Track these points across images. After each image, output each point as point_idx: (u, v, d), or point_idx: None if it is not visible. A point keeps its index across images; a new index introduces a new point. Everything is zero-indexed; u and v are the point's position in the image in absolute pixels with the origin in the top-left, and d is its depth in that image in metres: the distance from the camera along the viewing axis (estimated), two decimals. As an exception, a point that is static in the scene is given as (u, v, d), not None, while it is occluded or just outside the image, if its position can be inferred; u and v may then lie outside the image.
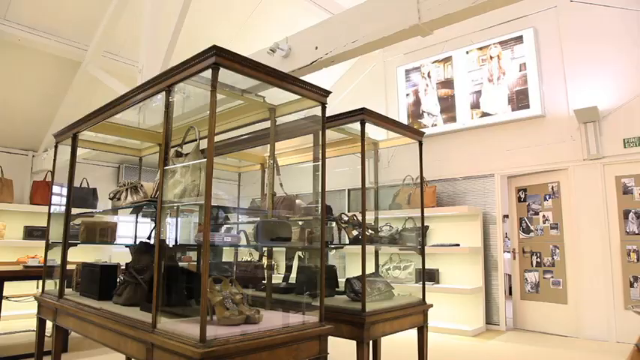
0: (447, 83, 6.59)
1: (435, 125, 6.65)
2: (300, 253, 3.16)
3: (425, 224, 3.47)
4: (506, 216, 6.59)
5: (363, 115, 2.61)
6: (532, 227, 5.94)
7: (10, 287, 4.30)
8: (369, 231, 3.04)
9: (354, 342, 2.46)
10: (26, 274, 4.26)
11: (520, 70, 5.84)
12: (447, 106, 6.56)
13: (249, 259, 3.43)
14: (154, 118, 3.07)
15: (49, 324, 3.03)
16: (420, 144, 3.21)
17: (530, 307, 5.84)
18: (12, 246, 6.33)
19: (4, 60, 5.63)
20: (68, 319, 2.63)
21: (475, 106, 6.24)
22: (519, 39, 5.86)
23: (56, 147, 3.22)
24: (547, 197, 5.81)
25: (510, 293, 6.37)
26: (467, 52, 6.38)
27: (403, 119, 6.93)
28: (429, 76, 6.83)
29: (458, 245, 5.79)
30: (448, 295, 5.79)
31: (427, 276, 5.78)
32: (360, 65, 7.67)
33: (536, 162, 5.71)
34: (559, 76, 5.60)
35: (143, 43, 4.25)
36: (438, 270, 5.97)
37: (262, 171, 3.50)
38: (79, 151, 2.99)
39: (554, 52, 5.66)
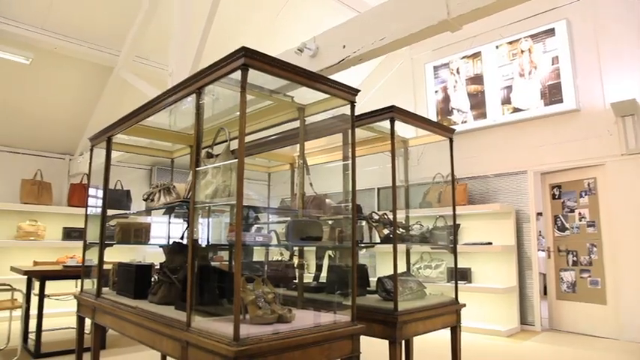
0: (477, 79, 6.48)
1: (465, 122, 6.54)
2: (330, 252, 3.16)
3: (456, 222, 3.42)
4: (539, 214, 6.42)
5: (392, 112, 2.59)
6: (567, 225, 5.78)
7: (50, 286, 4.46)
8: (400, 230, 3.01)
9: (386, 341, 2.45)
10: (66, 273, 4.41)
11: (552, 64, 5.69)
12: (477, 102, 6.44)
13: (280, 259, 3.45)
14: (184, 121, 3.12)
15: (88, 321, 3.12)
16: (451, 141, 3.17)
17: (566, 307, 5.68)
18: (52, 247, 6.56)
19: (42, 68, 5.83)
20: (106, 317, 2.70)
21: (506, 101, 6.11)
22: (551, 32, 5.70)
23: (91, 150, 3.31)
24: (583, 194, 5.64)
25: (545, 293, 6.21)
26: (496, 47, 6.25)
27: (432, 117, 6.85)
28: (457, 72, 6.72)
29: (490, 244, 5.68)
30: (481, 294, 5.69)
31: (459, 275, 5.68)
32: (387, 63, 7.61)
33: (571, 158, 5.55)
34: (594, 69, 5.42)
35: (172, 47, 4.33)
36: (470, 269, 5.88)
37: (292, 171, 3.51)
38: (113, 154, 3.07)
39: (588, 44, 5.48)
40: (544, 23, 5.78)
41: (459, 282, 3.15)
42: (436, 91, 6.97)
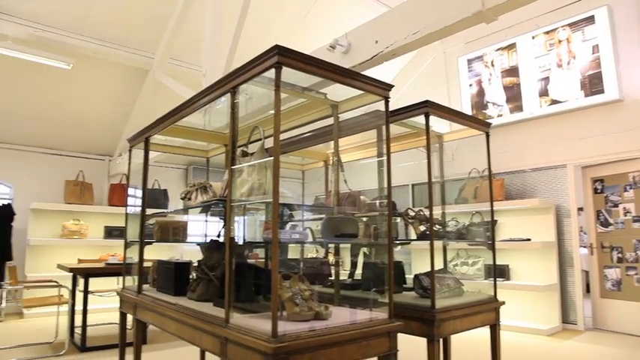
0: (512, 71, 6.31)
1: (501, 116, 6.39)
2: (364, 249, 3.14)
3: (493, 218, 3.34)
4: (580, 209, 6.20)
5: (427, 107, 2.55)
6: (611, 220, 5.56)
7: (94, 283, 4.62)
8: (436, 226, 2.97)
9: (423, 339, 2.42)
10: (108, 270, 4.56)
11: (593, 53, 5.48)
12: (513, 95, 6.28)
13: (315, 256, 3.45)
14: (218, 120, 3.16)
15: (129, 317, 3.21)
16: (487, 135, 3.09)
17: (611, 305, 5.47)
18: (94, 245, 6.79)
19: (82, 72, 6.03)
20: (147, 313, 2.77)
21: (543, 93, 5.93)
22: (590, 19, 5.49)
23: (130, 151, 3.40)
24: (627, 188, 5.41)
25: (588, 291, 6.00)
26: (532, 37, 6.07)
27: (467, 111, 6.71)
28: (492, 64, 6.57)
29: (529, 240, 5.53)
30: (520, 292, 5.55)
31: (497, 272, 5.56)
32: (419, 58, 7.52)
33: (614, 150, 5.33)
34: (637, 57, 5.19)
35: (205, 49, 4.39)
36: (508, 266, 5.74)
37: (325, 168, 3.51)
38: (151, 154, 3.14)
39: (631, 30, 5.25)
40: (583, 11, 5.57)
41: (497, 279, 3.08)
42: (470, 85, 6.83)
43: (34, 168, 7.07)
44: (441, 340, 3.01)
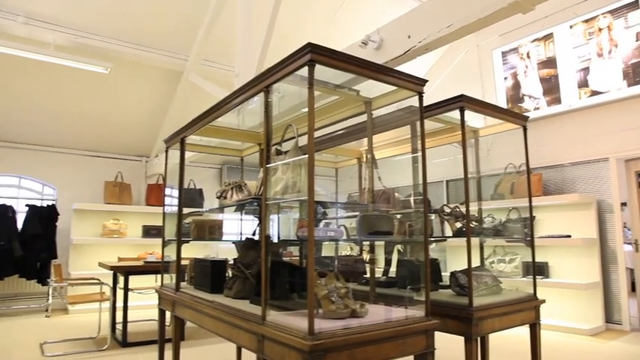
0: (549, 62, 6.12)
1: (538, 109, 6.21)
2: (399, 246, 3.11)
3: (532, 214, 3.25)
4: (624, 204, 5.97)
5: (462, 102, 2.50)
6: (658, 215, 5.33)
7: (133, 280, 4.75)
8: (473, 223, 2.91)
9: (460, 338, 2.38)
10: (147, 268, 4.69)
11: (636, 40, 5.25)
12: (550, 87, 6.09)
13: (349, 254, 3.45)
14: (252, 120, 3.19)
15: (168, 314, 3.28)
16: (525, 129, 3.01)
17: (658, 303, 5.25)
18: (133, 243, 6.98)
19: (119, 76, 6.20)
20: (185, 310, 2.83)
21: (583, 84, 5.73)
22: (634, 4, 5.26)
23: (167, 152, 3.47)
24: (675, 181, 5.17)
25: (634, 289, 5.77)
26: (570, 27, 5.87)
27: (502, 105, 6.56)
28: (528, 56, 6.39)
29: (569, 236, 5.36)
30: (560, 290, 5.39)
31: (537, 270, 5.42)
32: (452, 52, 7.38)
33: (661, 142, 5.11)
34: (686, 44, 4.95)
35: (237, 49, 4.44)
36: (547, 263, 5.58)
37: (359, 165, 3.50)
38: (186, 155, 3.20)
39: (678, 17, 5.01)
40: (625, -3, 5.34)
41: (536, 277, 3.00)
42: (505, 78, 6.66)
43: (75, 170, 7.33)
44: (479, 338, 2.97)
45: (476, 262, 3.01)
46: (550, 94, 6.09)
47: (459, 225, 2.79)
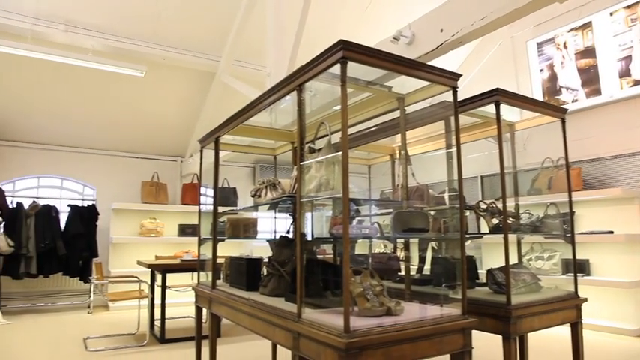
0: (588, 52, 5.91)
1: (576, 100, 6.01)
2: (433, 243, 3.08)
3: (572, 210, 3.16)
4: (670, 197, 5.72)
5: (497, 95, 2.45)
6: None
7: (170, 278, 4.86)
8: (510, 219, 2.84)
9: (497, 336, 2.33)
10: (183, 266, 4.78)
11: (682, 27, 5.02)
12: (589, 77, 5.88)
13: (383, 251, 3.43)
14: (284, 118, 3.21)
15: (204, 311, 3.34)
16: (563, 122, 2.93)
17: None
18: (169, 242, 7.15)
19: (153, 78, 6.35)
20: (221, 307, 2.88)
21: (625, 74, 5.51)
22: (680, -9, 5.03)
23: (201, 151, 3.53)
24: None
25: (681, 286, 5.51)
26: (610, 14, 5.65)
27: (538, 97, 6.38)
28: (564, 46, 6.19)
29: (611, 232, 5.17)
30: (603, 288, 5.20)
31: (577, 267, 5.26)
32: (485, 45, 7.23)
33: None
34: None
35: (269, 49, 4.48)
36: (588, 260, 5.40)
37: (392, 162, 3.47)
38: (220, 154, 3.25)
39: None
40: (670, -18, 5.11)
41: (577, 275, 2.91)
42: (541, 70, 6.48)
43: (113, 171, 7.56)
44: (517, 337, 2.90)
45: (513, 259, 2.94)
46: (589, 85, 5.89)
47: (495, 221, 2.73)
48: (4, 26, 5.17)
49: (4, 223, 6.02)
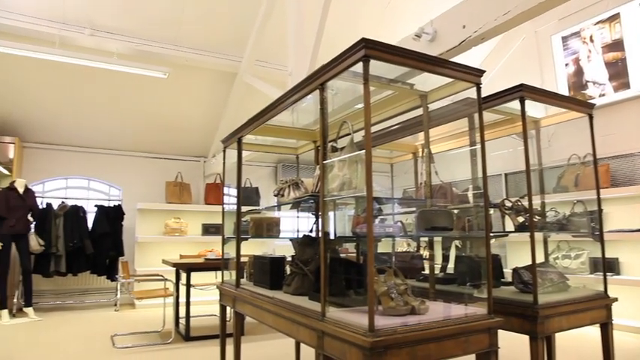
0: (616, 45, 5.76)
1: (603, 95, 5.86)
2: (457, 242, 3.05)
3: (600, 207, 3.09)
4: None
5: (522, 91, 2.41)
6: None
7: (194, 277, 4.93)
8: (536, 217, 2.80)
9: (523, 336, 2.30)
10: (207, 265, 4.84)
11: None
12: (618, 71, 5.73)
13: (407, 250, 3.41)
14: (306, 118, 3.22)
15: (228, 309, 3.38)
16: (591, 117, 2.86)
17: None
18: (193, 241, 7.24)
19: (176, 80, 6.44)
20: (245, 306, 2.90)
21: (655, 67, 5.35)
22: None
23: (224, 151, 3.57)
24: None
25: None
26: (640, 5, 5.49)
27: (563, 93, 6.25)
28: (591, 40, 6.04)
29: (642, 230, 5.03)
30: (633, 288, 5.07)
31: (606, 266, 5.13)
32: (508, 40, 7.12)
33: None
34: None
35: (290, 48, 4.49)
36: (617, 259, 5.27)
37: (414, 160, 3.45)
38: (243, 154, 3.27)
39: None
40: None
41: (606, 274, 2.84)
42: (566, 65, 6.34)
43: (138, 171, 7.70)
44: (545, 338, 2.85)
45: (539, 257, 2.89)
46: (617, 79, 5.73)
47: (521, 219, 2.69)
48: (33, 32, 5.31)
49: (35, 223, 6.18)
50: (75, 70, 5.90)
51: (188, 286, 4.82)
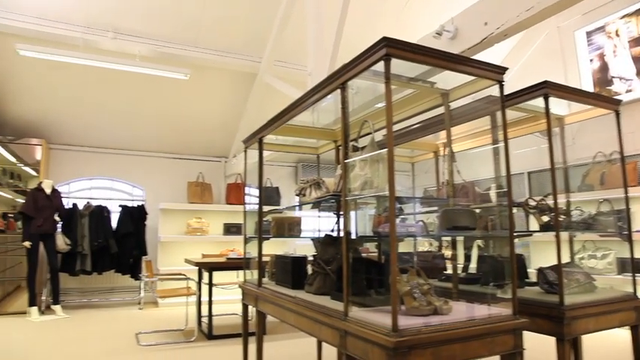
0: (643, 40, 5.62)
1: (630, 91, 5.72)
2: (479, 242, 3.01)
3: (628, 206, 3.02)
4: None
5: (546, 88, 2.37)
6: None
7: (216, 276, 4.98)
8: (561, 216, 2.75)
9: (549, 338, 2.26)
10: (229, 265, 4.88)
11: None
12: (645, 66, 5.59)
13: (428, 250, 3.39)
14: (326, 117, 3.22)
15: (250, 308, 3.40)
16: (617, 114, 2.80)
17: None
18: (214, 241, 7.31)
19: (197, 81, 6.51)
20: (267, 305, 2.92)
21: (685, 62, 5.20)
22: None
23: (245, 151, 3.59)
24: None
25: None
26: (669, -1, 5.35)
27: (588, 89, 6.12)
28: (617, 34, 5.90)
29: (672, 229, 4.89)
30: (662, 287, 4.93)
31: (635, 267, 5.00)
32: (530, 37, 7.00)
33: None
34: None
35: (309, 48, 4.50)
36: (646, 259, 5.13)
37: (435, 159, 3.42)
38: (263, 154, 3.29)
39: None
40: None
41: (635, 275, 2.77)
42: (591, 60, 6.21)
43: (160, 172, 7.81)
44: (572, 340, 2.80)
45: (565, 258, 2.84)
46: (644, 75, 5.59)
47: (545, 219, 2.65)
48: (58, 36, 5.44)
49: (61, 222, 6.33)
50: (98, 73, 6.02)
51: (210, 285, 4.87)
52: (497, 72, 2.07)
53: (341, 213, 2.88)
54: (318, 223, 3.51)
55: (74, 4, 5.31)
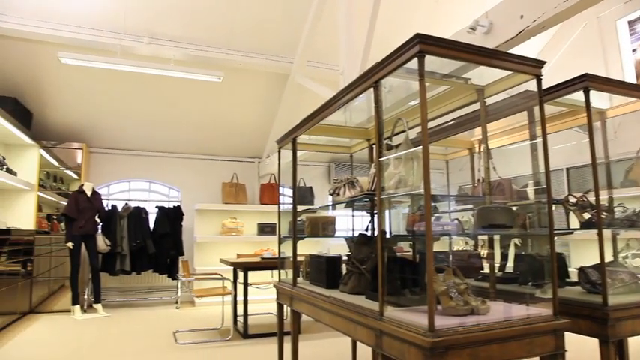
0: (690, 28, 5.36)
1: (677, 82, 5.47)
2: (516, 240, 2.94)
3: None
4: None
5: (586, 81, 2.29)
6: None
7: (251, 275, 5.04)
8: (603, 213, 2.65)
9: (591, 339, 2.19)
10: (264, 264, 4.94)
11: None
12: (693, 56, 5.33)
13: (464, 248, 3.33)
14: (358, 116, 3.21)
15: (285, 307, 3.43)
16: (663, 106, 2.68)
17: None
18: (249, 241, 7.41)
19: (230, 83, 6.61)
20: (302, 304, 2.94)
21: None
22: None
23: (279, 152, 3.62)
24: None
25: None
26: None
27: (630, 81, 5.88)
28: (661, 23, 5.66)
29: None
30: None
31: (681, 265, 4.78)
32: (567, 28, 6.78)
33: None
34: None
35: (341, 47, 4.50)
36: (696, 257, 4.90)
37: (470, 156, 3.36)
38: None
39: None
40: None
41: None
42: (634, 51, 5.96)
43: (195, 173, 7.98)
44: (617, 342, 2.70)
45: (608, 256, 2.74)
46: (692, 65, 5.34)
47: (587, 216, 2.56)
48: (96, 44, 5.63)
49: (101, 224, 6.54)
50: (135, 79, 6.20)
51: (245, 284, 4.94)
52: (535, 66, 2.02)
53: (375, 212, 2.87)
54: (351, 223, 3.50)
55: (111, 13, 5.49)
